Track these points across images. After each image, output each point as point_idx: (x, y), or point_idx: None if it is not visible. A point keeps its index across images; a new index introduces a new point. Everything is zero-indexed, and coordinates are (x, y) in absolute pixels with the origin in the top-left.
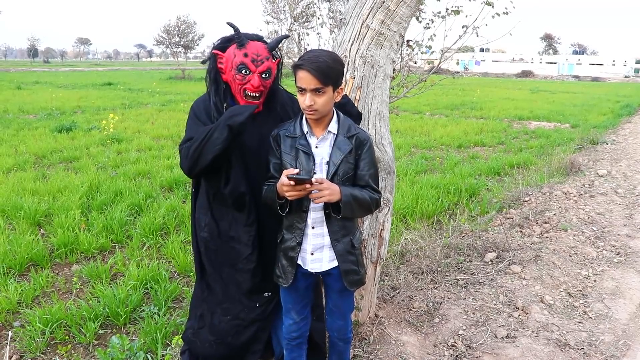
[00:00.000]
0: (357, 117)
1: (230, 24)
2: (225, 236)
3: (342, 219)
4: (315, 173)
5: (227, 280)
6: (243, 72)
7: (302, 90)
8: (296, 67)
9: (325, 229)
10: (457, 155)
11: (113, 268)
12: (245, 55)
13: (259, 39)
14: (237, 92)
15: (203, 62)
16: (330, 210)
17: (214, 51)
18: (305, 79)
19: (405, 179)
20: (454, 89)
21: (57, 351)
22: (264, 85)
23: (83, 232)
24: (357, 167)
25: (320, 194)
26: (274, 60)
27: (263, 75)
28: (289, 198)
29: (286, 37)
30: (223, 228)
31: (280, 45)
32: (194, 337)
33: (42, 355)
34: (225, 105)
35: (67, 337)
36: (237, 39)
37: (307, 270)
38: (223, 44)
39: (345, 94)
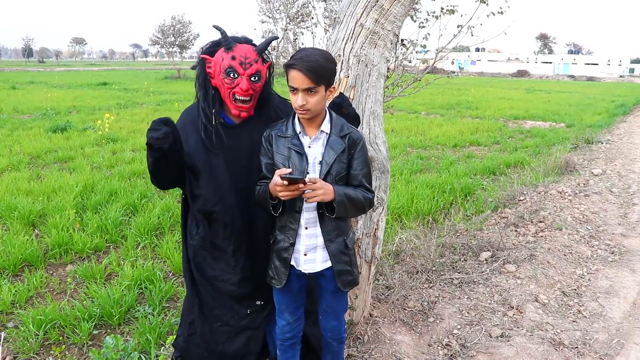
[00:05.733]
0: (353, 118)
1: (217, 27)
2: (212, 245)
3: (336, 219)
4: (308, 173)
5: (216, 287)
6: (231, 75)
7: (294, 90)
8: (288, 66)
9: (318, 230)
10: (453, 154)
11: (107, 268)
12: (233, 58)
13: (247, 41)
14: (226, 97)
15: (193, 68)
16: (324, 210)
17: (202, 55)
18: (297, 78)
19: (400, 178)
20: (450, 89)
21: (51, 352)
22: (253, 89)
23: (77, 233)
24: (350, 166)
25: (314, 193)
26: (264, 64)
27: (252, 79)
28: (282, 198)
29: (275, 38)
30: (210, 238)
31: (271, 47)
32: (185, 345)
33: (35, 356)
34: (214, 111)
35: (61, 338)
36: (225, 41)
37: (301, 271)
38: (211, 48)
39: (341, 92)
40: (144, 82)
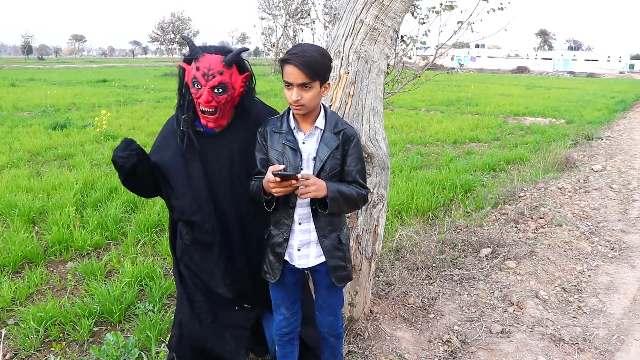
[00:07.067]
0: None
1: (184, 38)
2: (199, 245)
3: (329, 215)
4: (302, 169)
5: (204, 282)
6: (196, 86)
7: (288, 85)
8: (283, 61)
9: (312, 225)
10: (453, 151)
11: (108, 265)
12: (197, 69)
13: (222, 51)
14: (196, 106)
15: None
16: (317, 206)
17: (180, 64)
18: (293, 73)
19: (400, 175)
20: (450, 85)
21: (51, 349)
22: (217, 101)
23: (78, 230)
24: (344, 162)
25: (307, 189)
26: (241, 74)
27: (215, 90)
28: (275, 194)
29: (245, 50)
30: (197, 239)
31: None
32: (178, 345)
33: (36, 353)
34: (184, 117)
35: (61, 335)
36: (191, 51)
37: (295, 266)
38: (191, 57)
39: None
40: (143, 79)
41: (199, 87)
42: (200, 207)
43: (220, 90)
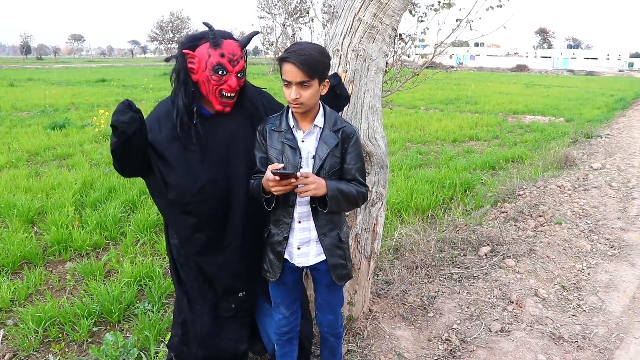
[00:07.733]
0: (345, 99)
1: (206, 24)
2: (191, 238)
3: (329, 213)
4: (301, 167)
5: (201, 282)
6: (220, 72)
7: (287, 83)
8: (282, 59)
9: (312, 223)
10: (452, 149)
11: (107, 265)
12: (222, 55)
13: (229, 36)
14: (211, 93)
15: (167, 60)
16: (317, 204)
17: (184, 50)
18: (291, 72)
19: (400, 173)
20: (449, 84)
21: (50, 349)
22: (239, 84)
23: (77, 230)
24: (344, 160)
25: (306, 188)
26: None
27: (238, 75)
28: (274, 193)
29: (256, 33)
30: (185, 233)
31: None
32: (180, 345)
33: (35, 353)
34: (195, 109)
35: (60, 335)
36: (212, 38)
37: (294, 264)
38: (192, 43)
39: (336, 72)
40: (142, 78)
41: (225, 73)
42: (201, 189)
43: (242, 74)
